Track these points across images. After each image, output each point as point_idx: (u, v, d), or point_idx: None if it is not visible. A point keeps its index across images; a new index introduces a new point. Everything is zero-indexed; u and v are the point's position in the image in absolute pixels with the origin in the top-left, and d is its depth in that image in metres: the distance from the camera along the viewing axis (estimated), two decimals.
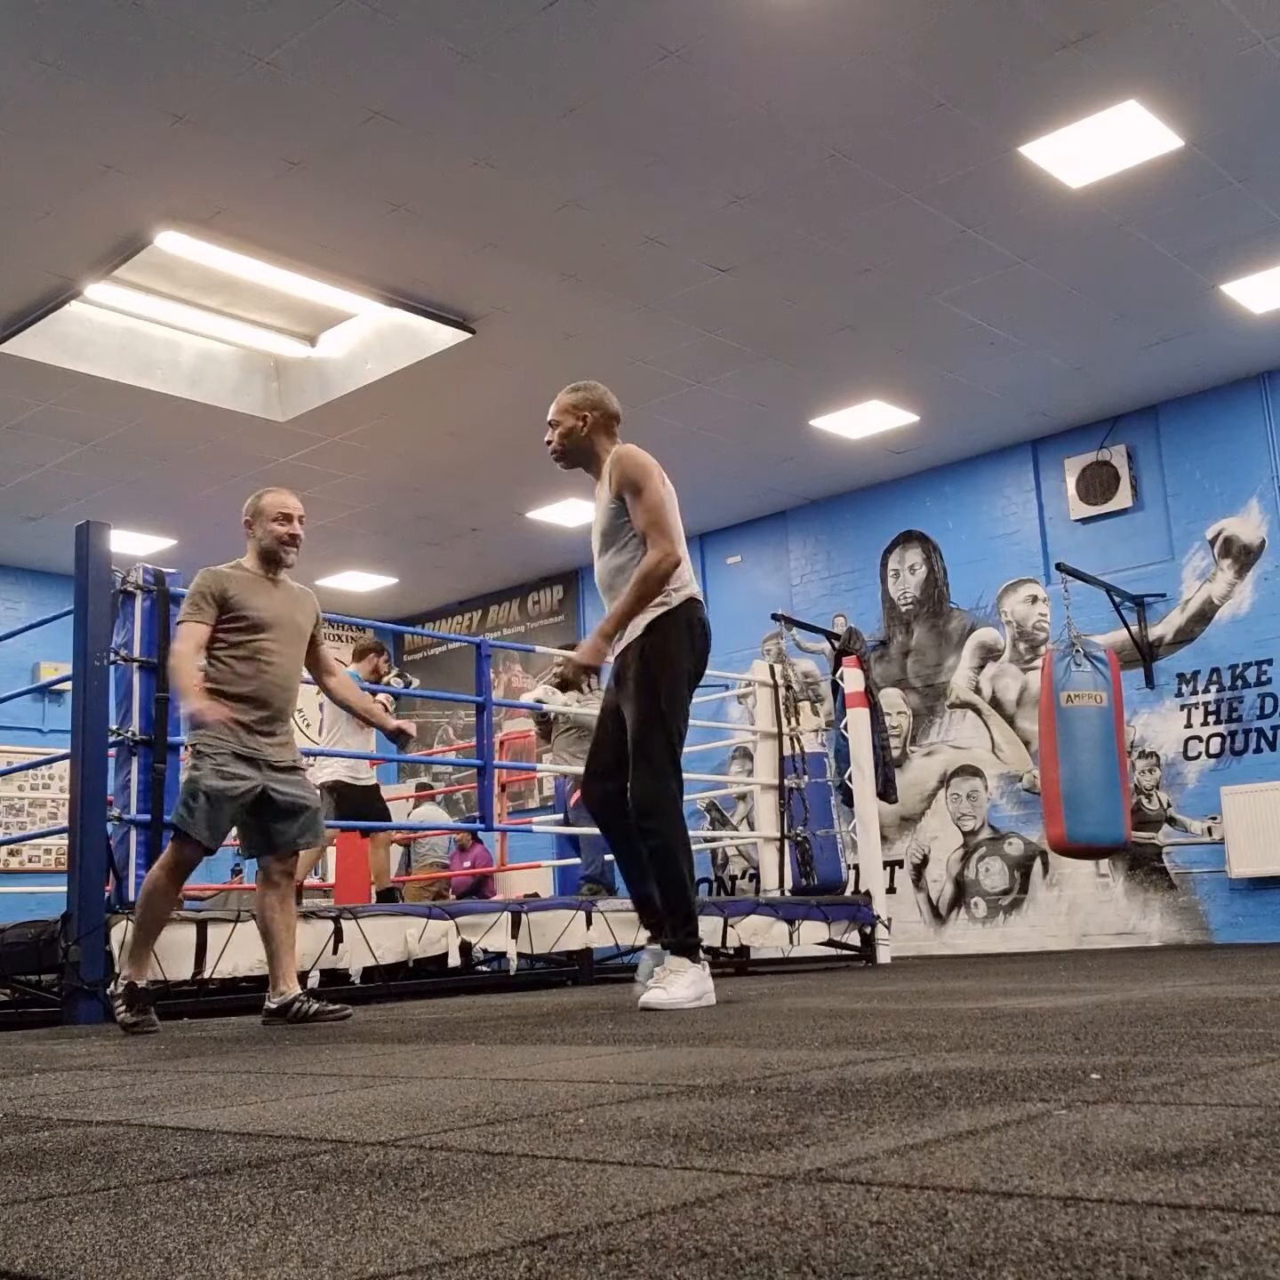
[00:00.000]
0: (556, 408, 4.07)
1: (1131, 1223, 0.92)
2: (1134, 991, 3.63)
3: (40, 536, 10.59)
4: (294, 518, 4.30)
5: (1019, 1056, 2.03)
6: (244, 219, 6.34)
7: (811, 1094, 1.72)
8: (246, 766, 4.09)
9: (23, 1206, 1.24)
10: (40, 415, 8.33)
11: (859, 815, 7.76)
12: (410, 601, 13.27)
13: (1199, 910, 8.57)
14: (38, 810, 11.05)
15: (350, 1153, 1.46)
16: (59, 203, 6.11)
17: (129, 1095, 2.22)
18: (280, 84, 5.31)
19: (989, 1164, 1.17)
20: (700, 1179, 1.18)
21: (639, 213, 6.45)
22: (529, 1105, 1.77)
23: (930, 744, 9.99)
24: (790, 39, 5.22)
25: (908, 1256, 0.87)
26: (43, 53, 5.07)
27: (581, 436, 4.04)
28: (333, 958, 5.42)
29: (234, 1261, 0.97)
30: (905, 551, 10.37)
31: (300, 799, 4.20)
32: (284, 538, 4.27)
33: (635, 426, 9.22)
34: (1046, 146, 6.02)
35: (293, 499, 4.35)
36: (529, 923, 6.14)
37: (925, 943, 9.65)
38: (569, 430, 4.04)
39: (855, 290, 7.34)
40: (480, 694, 6.62)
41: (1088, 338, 8.07)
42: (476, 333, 7.57)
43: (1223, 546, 8.79)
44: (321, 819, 4.32)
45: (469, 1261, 0.93)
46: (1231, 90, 5.67)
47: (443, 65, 5.27)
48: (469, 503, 10.48)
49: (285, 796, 4.15)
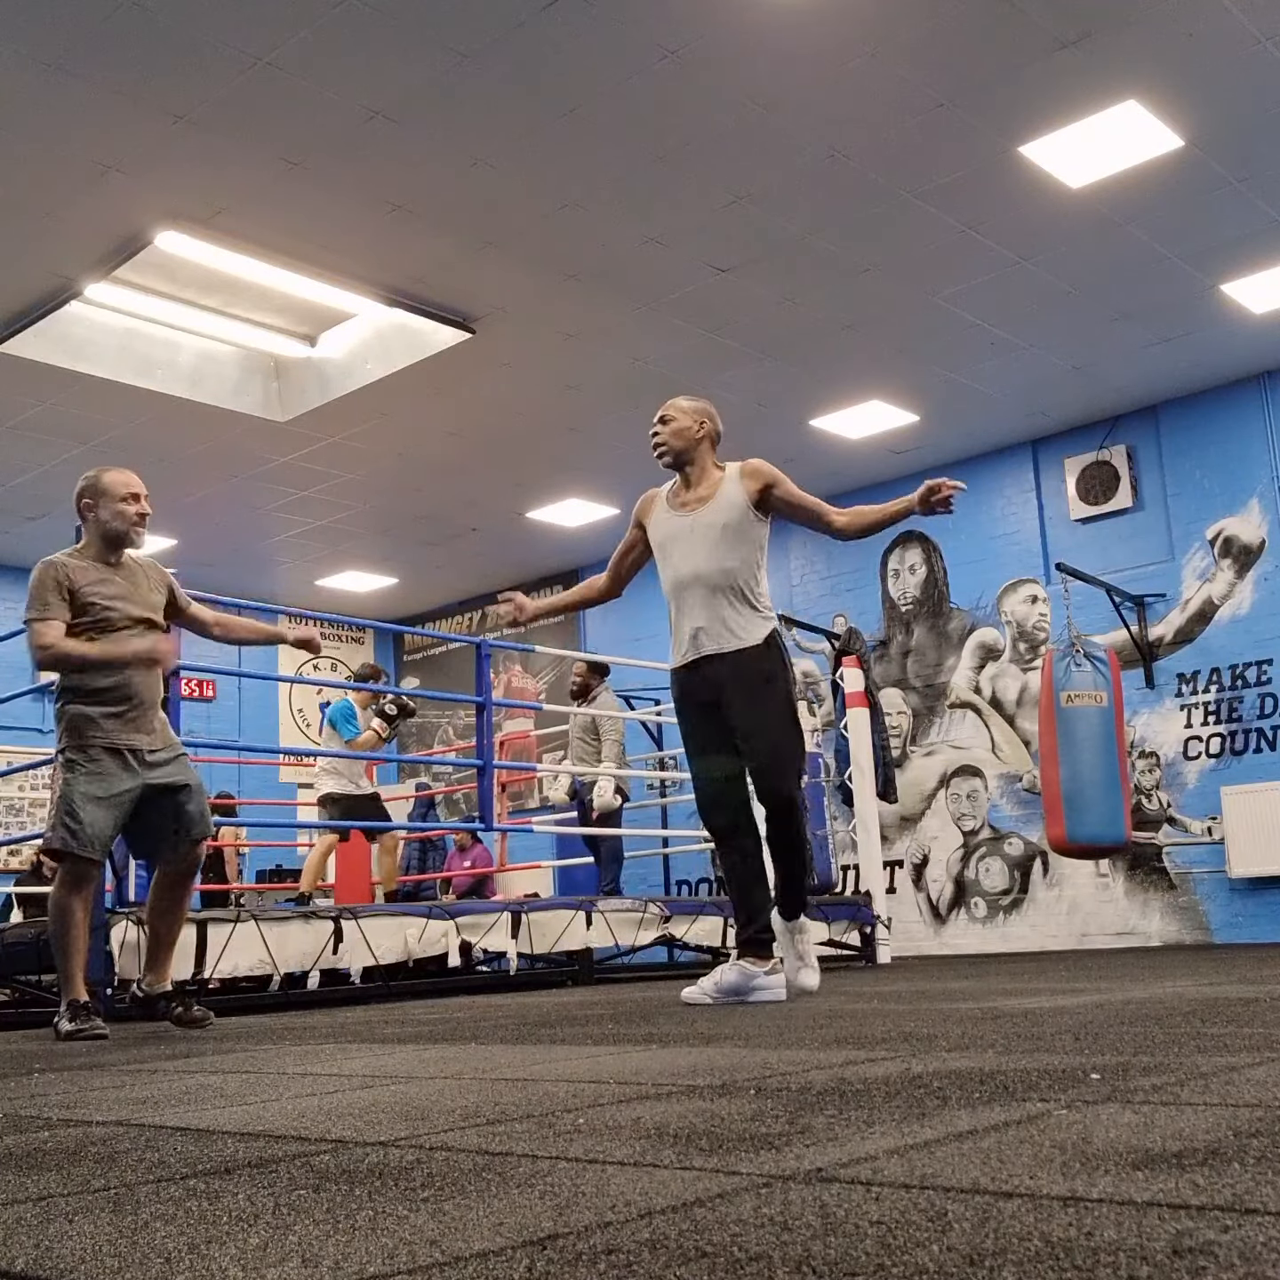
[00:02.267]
0: (673, 407, 4.18)
1: (1131, 1223, 0.92)
2: (1134, 991, 3.63)
3: (40, 536, 10.58)
4: (141, 496, 4.09)
5: (1019, 1056, 2.03)
6: (244, 219, 6.34)
7: (811, 1094, 1.72)
8: (121, 767, 3.91)
9: (23, 1206, 1.24)
10: (40, 415, 8.33)
11: (859, 815, 7.76)
12: (410, 601, 13.27)
13: (1199, 910, 8.57)
14: (38, 810, 11.05)
15: (350, 1153, 1.46)
16: (59, 203, 6.10)
17: (129, 1095, 2.22)
18: (280, 84, 5.31)
19: (989, 1164, 1.17)
20: (700, 1179, 1.18)
21: (639, 213, 6.45)
22: (529, 1105, 1.77)
23: (930, 744, 9.99)
24: (790, 39, 5.22)
25: (908, 1256, 0.87)
26: (43, 53, 5.07)
27: (692, 438, 4.15)
28: (333, 958, 5.43)
29: (234, 1261, 0.97)
30: (905, 551, 10.37)
31: (183, 779, 4.00)
32: (134, 518, 4.06)
33: (635, 426, 9.25)
34: (1046, 146, 6.02)
35: (135, 477, 4.14)
36: (529, 923, 6.14)
37: (925, 943, 9.65)
38: (683, 429, 4.14)
39: (855, 290, 7.34)
40: (480, 694, 6.62)
41: (1088, 338, 8.07)
42: (476, 333, 7.57)
43: (1223, 546, 8.79)
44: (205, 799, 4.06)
45: (469, 1261, 0.93)
46: (1231, 90, 5.67)
47: (443, 65, 5.27)
48: (469, 503, 10.48)
49: (170, 780, 3.96)
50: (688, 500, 4.12)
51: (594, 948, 6.53)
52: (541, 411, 8.83)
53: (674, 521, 4.12)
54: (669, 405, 4.19)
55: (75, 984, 3.94)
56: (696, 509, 4.08)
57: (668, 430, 4.14)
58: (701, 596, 4.03)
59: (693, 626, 4.04)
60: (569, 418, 8.95)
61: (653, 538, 4.19)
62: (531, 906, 6.35)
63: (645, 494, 4.30)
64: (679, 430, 4.13)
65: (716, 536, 4.03)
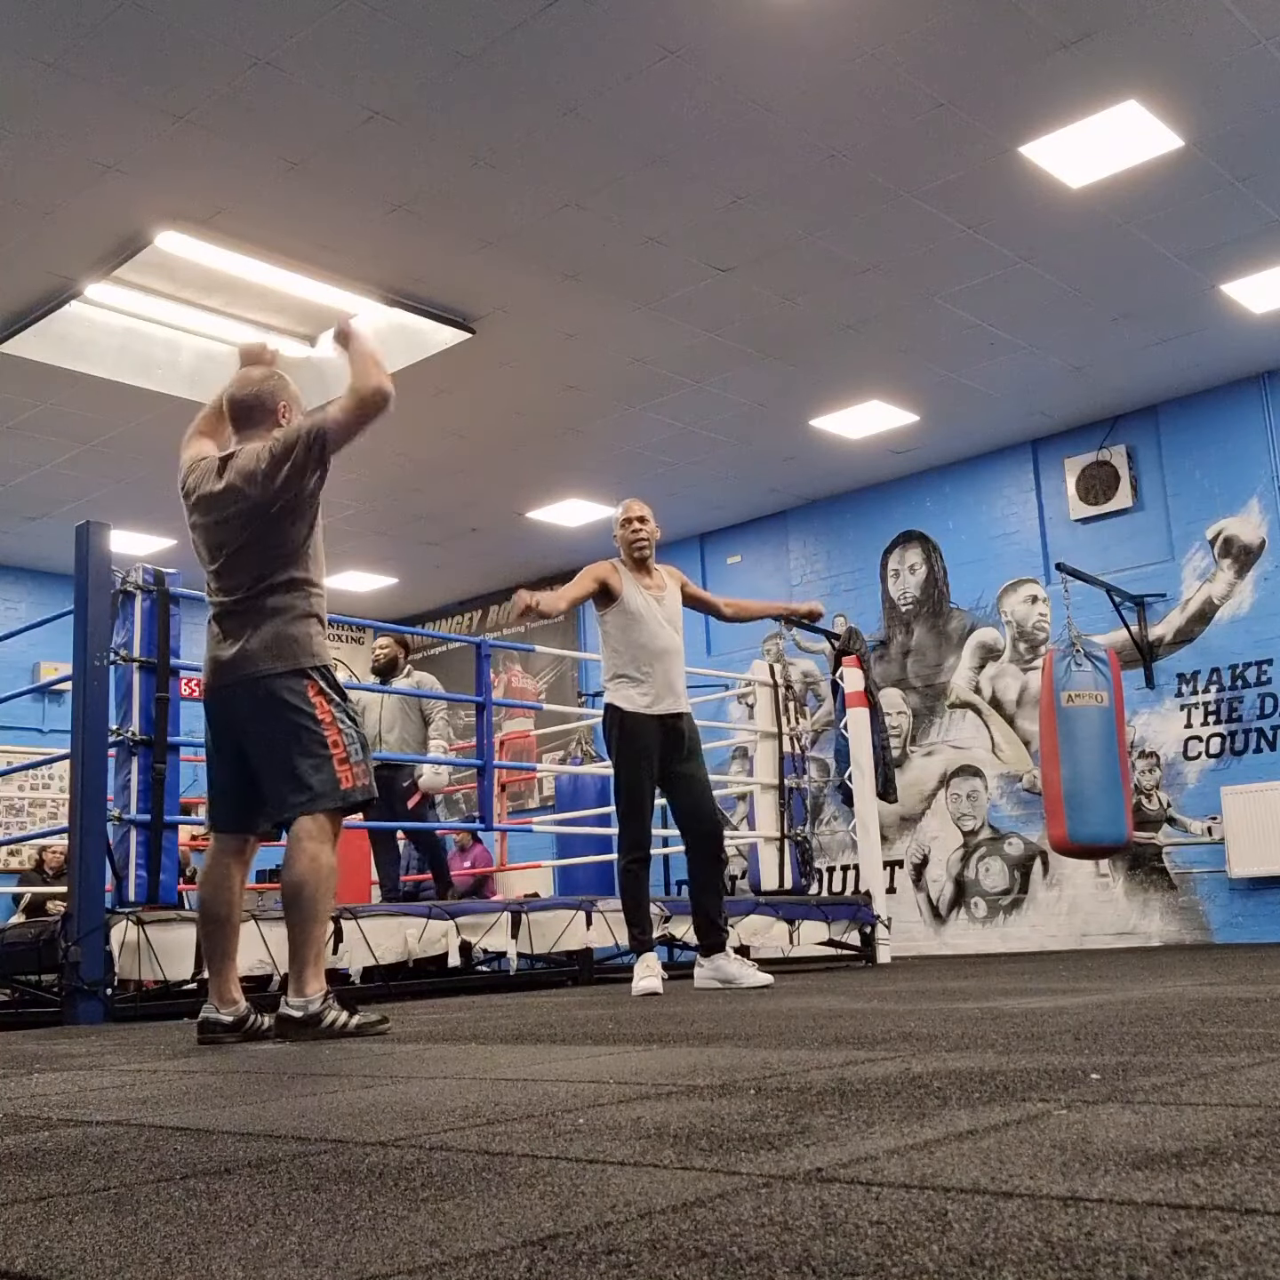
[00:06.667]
0: (644, 509, 5.23)
1: (1131, 1223, 0.92)
2: (1134, 991, 3.63)
3: (40, 536, 10.59)
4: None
5: (1019, 1056, 2.03)
6: (244, 219, 6.34)
7: (811, 1094, 1.72)
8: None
9: (23, 1206, 1.24)
10: (40, 415, 8.33)
11: (859, 815, 7.76)
12: (410, 601, 13.27)
13: (1199, 910, 8.57)
14: (38, 810, 11.05)
15: (350, 1153, 1.46)
16: (59, 203, 6.10)
17: (129, 1095, 2.22)
18: (280, 84, 5.31)
19: (989, 1164, 1.17)
20: (700, 1179, 1.18)
21: (639, 213, 6.45)
22: (529, 1105, 1.77)
23: (930, 744, 9.98)
24: (790, 39, 5.22)
25: (908, 1256, 0.87)
26: (43, 53, 5.07)
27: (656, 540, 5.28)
28: (333, 958, 5.42)
29: (234, 1261, 0.97)
30: (905, 551, 10.37)
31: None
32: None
33: (635, 426, 9.27)
34: (1046, 146, 6.01)
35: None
36: (529, 923, 6.14)
37: (925, 943, 9.65)
38: (654, 530, 5.22)
39: (855, 290, 7.34)
40: (480, 694, 6.62)
41: (1088, 338, 8.07)
42: (476, 333, 7.57)
43: (1223, 546, 8.79)
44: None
45: (469, 1261, 0.93)
46: (1231, 90, 5.67)
47: (443, 65, 5.27)
48: (469, 503, 10.48)
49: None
50: (649, 585, 5.14)
51: (594, 948, 6.53)
52: (541, 411, 8.83)
53: (645, 599, 5.10)
54: (640, 507, 5.21)
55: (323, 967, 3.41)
56: (659, 594, 5.15)
57: (648, 530, 5.17)
58: (664, 669, 5.06)
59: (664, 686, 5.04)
60: (569, 418, 8.95)
61: (627, 607, 5.06)
62: (531, 906, 6.35)
63: (603, 564, 5.14)
64: (654, 530, 5.21)
65: (673, 629, 5.16)
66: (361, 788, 3.42)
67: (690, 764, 5.07)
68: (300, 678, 3.40)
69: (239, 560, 3.47)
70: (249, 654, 3.40)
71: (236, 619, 3.46)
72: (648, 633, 5.07)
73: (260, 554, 3.45)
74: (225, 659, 3.44)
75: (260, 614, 3.43)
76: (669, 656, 5.08)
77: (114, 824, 4.91)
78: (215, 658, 3.47)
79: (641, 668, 5.04)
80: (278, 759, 3.36)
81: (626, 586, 5.09)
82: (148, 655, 5.09)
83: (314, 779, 3.33)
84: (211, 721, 3.52)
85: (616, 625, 5.10)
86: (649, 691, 5.01)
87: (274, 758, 3.38)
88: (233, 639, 3.44)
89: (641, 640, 5.05)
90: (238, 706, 3.43)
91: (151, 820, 4.95)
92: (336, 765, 3.36)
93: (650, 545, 5.17)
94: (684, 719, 5.09)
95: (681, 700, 5.10)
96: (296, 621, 3.44)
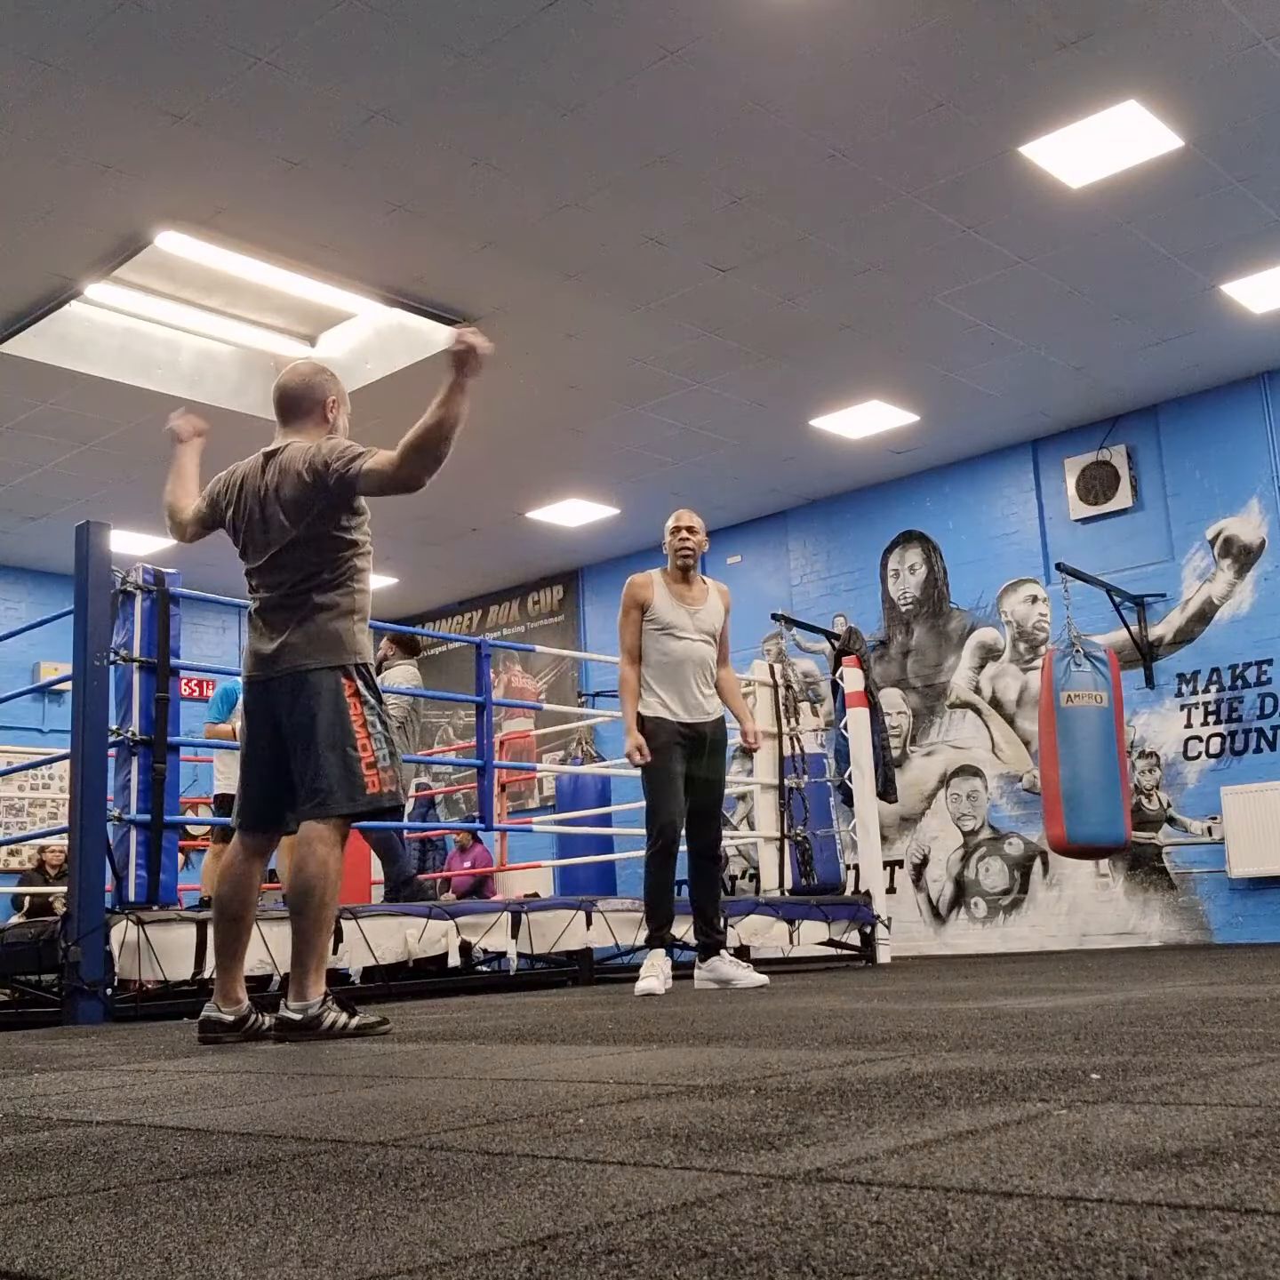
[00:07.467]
0: (694, 519, 5.30)
1: (1131, 1223, 0.92)
2: (1134, 991, 3.63)
3: (40, 536, 10.59)
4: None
5: (1019, 1056, 2.03)
6: (244, 219, 6.34)
7: (811, 1094, 1.72)
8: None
9: (23, 1206, 1.24)
10: (40, 415, 8.33)
11: (859, 815, 7.76)
12: (410, 601, 13.27)
13: (1199, 910, 8.57)
14: (38, 810, 11.05)
15: (350, 1153, 1.46)
16: (59, 203, 6.10)
17: (129, 1095, 2.22)
18: (280, 84, 5.31)
19: (989, 1164, 1.17)
20: (700, 1179, 1.18)
21: (639, 213, 6.45)
22: (529, 1105, 1.77)
23: (930, 744, 9.98)
24: (790, 39, 5.21)
25: (908, 1256, 0.87)
26: (43, 53, 5.07)
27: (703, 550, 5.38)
28: (333, 958, 5.42)
29: (234, 1261, 0.97)
30: (905, 551, 10.37)
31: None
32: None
33: (635, 426, 9.27)
34: (1046, 146, 6.01)
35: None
36: (529, 923, 6.14)
37: (925, 943, 9.65)
38: (702, 542, 5.31)
39: (855, 290, 7.34)
40: (480, 694, 6.62)
41: (1088, 338, 8.07)
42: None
43: (1223, 546, 8.79)
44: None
45: (469, 1261, 0.93)
46: (1231, 90, 5.67)
47: (443, 65, 5.27)
48: (469, 503, 10.48)
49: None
50: (686, 596, 5.22)
51: (594, 948, 6.53)
52: (541, 411, 8.82)
53: (677, 611, 5.17)
54: (691, 517, 5.29)
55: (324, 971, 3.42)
56: (694, 607, 5.20)
57: (696, 541, 5.25)
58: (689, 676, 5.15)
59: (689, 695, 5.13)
60: (569, 418, 8.95)
61: (658, 618, 5.15)
62: (531, 906, 6.35)
63: (638, 580, 5.24)
64: (701, 542, 5.29)
65: (709, 642, 5.24)
66: (388, 794, 3.40)
67: (707, 767, 5.17)
68: (340, 675, 3.40)
69: (285, 557, 3.46)
70: (291, 647, 3.40)
71: (281, 613, 3.45)
72: (676, 643, 5.18)
73: (306, 550, 3.45)
74: (267, 653, 3.44)
75: (304, 609, 3.42)
76: (693, 666, 5.18)
77: (114, 824, 4.91)
78: (257, 651, 3.46)
79: (668, 676, 5.15)
80: (309, 754, 3.35)
81: (658, 598, 5.20)
82: (148, 655, 5.09)
83: (337, 780, 3.32)
84: (249, 714, 3.51)
85: (649, 634, 5.22)
86: (674, 700, 5.13)
87: (305, 753, 3.36)
88: (276, 632, 3.43)
89: (668, 649, 5.17)
90: (277, 699, 3.42)
91: (151, 820, 4.95)
92: (364, 770, 3.35)
93: (695, 556, 5.27)
94: (709, 725, 5.19)
95: (706, 707, 5.19)
96: (340, 618, 3.44)
